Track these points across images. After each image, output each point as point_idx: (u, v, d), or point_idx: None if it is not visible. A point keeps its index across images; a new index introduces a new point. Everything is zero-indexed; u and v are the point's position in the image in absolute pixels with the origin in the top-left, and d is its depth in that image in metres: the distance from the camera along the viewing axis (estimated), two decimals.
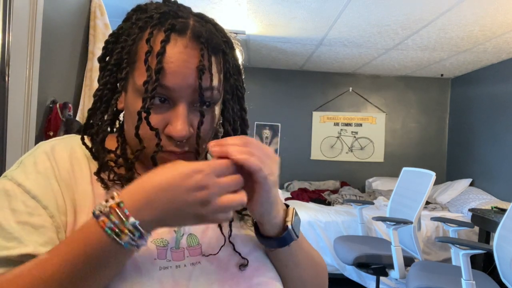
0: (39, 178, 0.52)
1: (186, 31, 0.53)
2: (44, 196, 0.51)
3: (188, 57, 0.52)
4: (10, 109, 1.30)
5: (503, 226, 2.00)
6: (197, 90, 0.52)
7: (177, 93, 0.52)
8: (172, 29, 0.53)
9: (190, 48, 0.53)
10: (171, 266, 0.53)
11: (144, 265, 0.51)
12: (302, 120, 4.97)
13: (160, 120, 0.53)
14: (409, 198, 2.72)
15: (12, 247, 0.46)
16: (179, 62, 0.52)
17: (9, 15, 1.27)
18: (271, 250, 0.59)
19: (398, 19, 2.93)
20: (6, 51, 1.28)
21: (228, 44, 0.58)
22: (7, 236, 0.47)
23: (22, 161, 0.55)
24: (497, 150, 3.94)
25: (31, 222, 0.49)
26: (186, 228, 0.58)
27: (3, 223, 0.48)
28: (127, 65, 0.55)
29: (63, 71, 1.73)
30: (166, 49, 0.52)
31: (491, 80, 4.14)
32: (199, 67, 0.52)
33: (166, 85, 0.52)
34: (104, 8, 1.95)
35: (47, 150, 0.56)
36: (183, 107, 0.53)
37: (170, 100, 0.54)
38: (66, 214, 0.52)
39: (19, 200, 0.50)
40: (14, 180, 0.51)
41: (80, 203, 0.53)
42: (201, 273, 0.54)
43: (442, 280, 2.05)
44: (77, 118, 1.78)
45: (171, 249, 0.55)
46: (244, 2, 2.75)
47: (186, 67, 0.52)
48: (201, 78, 0.52)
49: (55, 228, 0.50)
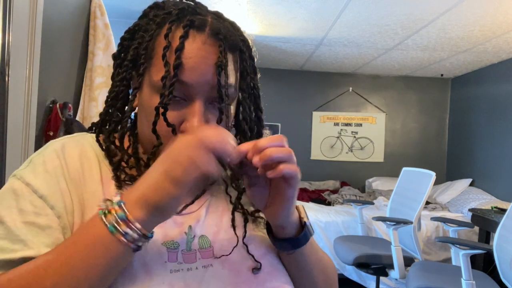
0: (47, 178, 0.52)
1: (205, 28, 0.53)
2: (51, 196, 0.50)
3: (206, 54, 0.52)
4: (10, 109, 1.30)
5: (503, 226, 2.00)
6: (215, 87, 0.52)
7: (195, 89, 0.52)
8: (191, 25, 0.52)
9: (209, 44, 0.52)
10: (182, 269, 0.52)
11: (154, 267, 0.50)
12: (302, 120, 4.97)
13: (176, 117, 0.52)
14: (409, 198, 2.72)
15: (17, 250, 0.46)
16: (197, 58, 0.51)
17: (9, 15, 1.27)
18: (288, 253, 0.58)
19: (398, 19, 2.93)
20: (6, 51, 1.28)
21: (245, 43, 0.58)
22: (13, 238, 0.47)
23: (32, 160, 0.54)
24: (497, 150, 3.94)
25: (38, 223, 0.48)
26: (197, 230, 0.56)
27: (10, 225, 0.47)
28: (144, 60, 0.54)
29: (63, 71, 1.73)
30: (185, 44, 0.51)
31: (491, 80, 4.14)
32: (218, 63, 0.51)
33: (184, 80, 0.51)
34: (104, 8, 1.95)
35: (57, 149, 0.55)
36: (200, 104, 0.52)
37: (187, 97, 0.53)
38: (73, 214, 0.51)
39: (26, 199, 0.49)
40: (23, 179, 0.51)
41: (89, 203, 0.52)
42: (213, 277, 0.53)
43: (442, 280, 2.05)
44: (77, 118, 1.78)
45: (182, 251, 0.53)
46: (244, 2, 2.75)
47: (204, 63, 0.51)
48: (220, 75, 0.51)
49: (61, 229, 0.50)
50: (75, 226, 0.51)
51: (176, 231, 0.55)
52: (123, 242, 0.43)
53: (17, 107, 1.33)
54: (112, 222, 0.43)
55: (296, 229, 0.56)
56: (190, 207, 0.58)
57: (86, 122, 1.82)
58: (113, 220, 0.43)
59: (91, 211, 0.51)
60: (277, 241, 0.57)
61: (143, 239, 0.44)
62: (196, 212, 0.58)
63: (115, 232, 0.43)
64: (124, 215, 0.43)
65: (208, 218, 0.58)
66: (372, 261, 2.52)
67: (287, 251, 0.57)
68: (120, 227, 0.43)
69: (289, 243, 0.56)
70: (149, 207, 0.44)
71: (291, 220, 0.54)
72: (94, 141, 0.59)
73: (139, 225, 0.43)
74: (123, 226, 0.43)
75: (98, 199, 0.53)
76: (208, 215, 0.59)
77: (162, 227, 0.50)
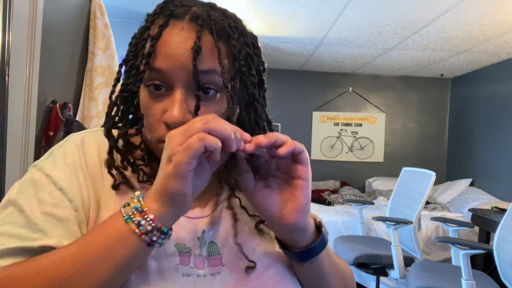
0: (67, 171, 0.52)
1: (185, 16, 0.52)
2: (70, 189, 0.51)
3: (183, 39, 0.50)
4: (10, 109, 1.30)
5: (503, 226, 2.00)
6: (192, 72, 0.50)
7: (171, 76, 0.50)
8: (171, 14, 0.52)
9: (187, 30, 0.51)
10: (193, 274, 0.52)
11: (168, 270, 0.50)
12: (302, 120, 4.97)
13: (160, 109, 0.51)
14: (409, 198, 2.72)
15: (36, 239, 0.46)
16: (173, 44, 0.50)
17: (9, 15, 1.27)
18: (301, 265, 0.55)
19: (398, 19, 2.93)
20: (6, 51, 1.28)
21: (236, 29, 0.54)
22: (33, 227, 0.47)
23: (53, 152, 0.54)
24: (497, 150, 3.94)
25: (56, 214, 0.48)
26: (208, 236, 0.56)
27: (29, 214, 0.47)
28: (132, 57, 0.54)
29: (63, 71, 1.73)
30: (163, 33, 0.50)
31: (491, 80, 4.14)
32: (194, 47, 0.49)
33: (159, 68, 0.50)
34: (104, 8, 1.95)
35: (77, 143, 0.55)
36: (180, 92, 0.50)
37: (168, 86, 0.51)
38: (89, 209, 0.51)
39: (46, 190, 0.50)
40: (43, 170, 0.51)
41: (105, 198, 0.52)
42: (220, 285, 0.52)
43: (442, 280, 2.05)
44: (77, 118, 1.78)
45: (194, 255, 0.53)
46: (244, 2, 2.75)
47: (179, 48, 0.50)
48: (196, 60, 0.49)
49: (78, 222, 0.50)
50: (91, 221, 0.51)
51: (189, 235, 0.54)
52: (136, 233, 0.43)
53: (17, 107, 1.33)
54: (129, 213, 0.44)
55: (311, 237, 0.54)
56: (203, 210, 0.57)
57: (86, 122, 1.82)
58: (130, 211, 0.44)
59: (108, 206, 0.52)
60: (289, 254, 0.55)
61: (157, 233, 0.44)
62: (210, 216, 0.58)
63: (129, 221, 0.43)
64: (140, 206, 0.44)
65: (220, 224, 0.58)
66: (372, 261, 2.52)
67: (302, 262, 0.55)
68: (134, 217, 0.43)
69: (304, 253, 0.54)
70: (161, 199, 0.44)
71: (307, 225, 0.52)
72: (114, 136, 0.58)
73: (152, 215, 0.43)
74: (137, 216, 0.43)
75: (113, 196, 0.53)
76: (220, 220, 0.58)
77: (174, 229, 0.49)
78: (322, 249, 0.55)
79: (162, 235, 0.44)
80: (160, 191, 0.44)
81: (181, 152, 0.41)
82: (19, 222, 0.47)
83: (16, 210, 0.48)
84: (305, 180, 0.49)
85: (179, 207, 0.44)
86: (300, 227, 0.51)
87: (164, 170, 0.43)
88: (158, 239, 0.44)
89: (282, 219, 0.50)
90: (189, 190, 0.43)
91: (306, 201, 0.50)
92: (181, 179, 0.42)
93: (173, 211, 0.44)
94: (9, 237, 0.46)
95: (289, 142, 0.47)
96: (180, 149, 0.42)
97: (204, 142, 0.41)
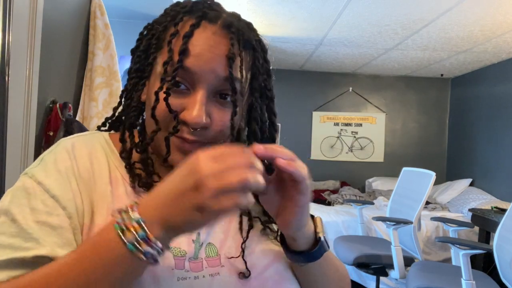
0: (59, 178, 0.51)
1: (218, 20, 0.52)
2: (63, 197, 0.50)
3: (215, 43, 0.51)
4: (10, 109, 1.30)
5: (503, 226, 2.00)
6: (220, 78, 0.50)
7: (198, 77, 0.50)
8: (204, 16, 0.52)
9: (219, 35, 0.51)
10: (189, 277, 0.51)
11: (162, 275, 0.49)
12: (302, 120, 4.98)
13: (178, 105, 0.51)
14: (409, 198, 2.72)
15: (29, 248, 0.45)
16: (205, 46, 0.50)
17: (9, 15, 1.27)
18: (301, 266, 0.56)
19: (398, 19, 2.93)
20: (6, 51, 1.28)
21: (260, 43, 0.57)
22: (26, 236, 0.46)
23: (43, 159, 0.53)
24: (497, 150, 3.94)
25: (50, 222, 0.47)
26: (204, 238, 0.55)
27: (22, 223, 0.46)
28: (155, 50, 0.54)
29: (63, 71, 1.73)
30: (194, 33, 0.50)
31: (491, 80, 4.14)
32: (229, 55, 0.50)
33: (188, 67, 0.50)
34: (104, 8, 1.95)
35: (68, 148, 0.54)
36: (202, 94, 0.50)
37: (191, 86, 0.51)
38: (83, 215, 0.50)
39: (38, 198, 0.49)
40: (34, 177, 0.50)
41: (98, 204, 0.51)
42: (220, 285, 0.52)
43: (442, 280, 2.05)
44: (77, 118, 1.78)
45: (189, 259, 0.52)
46: (244, 2, 2.75)
47: (211, 52, 0.50)
48: (231, 67, 0.50)
49: (72, 229, 0.49)
50: (85, 227, 0.50)
51: (184, 239, 0.53)
52: (143, 260, 0.40)
53: (17, 107, 1.33)
54: (132, 241, 0.39)
55: (311, 243, 0.54)
56: None
57: (86, 122, 1.82)
58: (133, 239, 0.39)
59: (100, 212, 0.51)
60: (289, 254, 0.55)
61: (161, 254, 0.41)
62: None
63: (135, 251, 0.40)
64: (145, 235, 0.39)
65: (216, 225, 0.57)
66: (372, 261, 2.52)
67: (301, 264, 0.56)
68: (141, 246, 0.39)
69: (302, 256, 0.54)
70: (171, 229, 0.40)
71: (304, 231, 0.52)
72: (104, 140, 0.58)
73: (161, 244, 0.40)
74: (144, 245, 0.39)
75: (107, 200, 0.52)
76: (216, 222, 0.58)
77: None
78: (322, 252, 0.55)
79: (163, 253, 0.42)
80: (176, 227, 0.40)
81: (218, 200, 0.37)
82: (12, 232, 0.46)
83: (9, 220, 0.47)
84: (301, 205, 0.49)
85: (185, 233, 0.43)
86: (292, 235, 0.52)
87: (192, 215, 0.38)
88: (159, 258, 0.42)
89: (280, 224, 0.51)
90: (208, 223, 0.40)
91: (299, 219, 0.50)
92: (207, 214, 0.38)
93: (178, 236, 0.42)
94: (2, 249, 0.45)
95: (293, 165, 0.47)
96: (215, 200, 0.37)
97: (247, 199, 0.38)
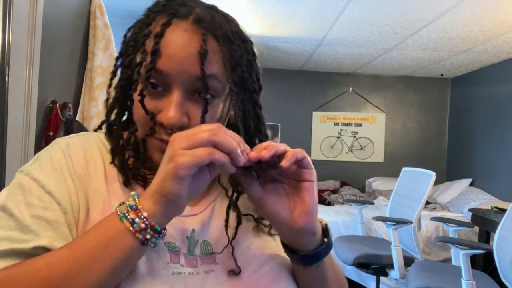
0: (54, 174, 0.52)
1: (189, 16, 0.51)
2: (58, 192, 0.50)
3: (186, 41, 0.50)
4: (10, 109, 1.30)
5: (503, 226, 2.00)
6: (194, 77, 0.50)
7: (172, 78, 0.50)
8: (175, 13, 0.51)
9: (190, 32, 0.50)
10: (184, 272, 0.52)
11: (158, 268, 0.50)
12: (302, 120, 4.97)
13: (154, 107, 0.51)
14: (409, 198, 2.72)
15: (28, 240, 0.46)
16: (176, 46, 0.50)
17: (9, 15, 1.27)
18: (304, 268, 0.55)
19: (398, 19, 2.93)
20: (6, 51, 1.28)
21: (237, 34, 0.55)
22: (24, 229, 0.47)
23: (39, 157, 0.54)
24: (497, 150, 3.94)
25: (45, 217, 0.48)
26: (199, 235, 0.56)
27: (19, 217, 0.47)
28: (132, 52, 0.54)
29: (63, 71, 1.73)
30: (165, 32, 0.50)
31: (491, 80, 4.14)
32: (201, 52, 0.49)
33: (161, 69, 0.50)
34: (104, 8, 1.95)
35: (63, 147, 0.55)
36: (178, 95, 0.50)
37: (166, 87, 0.51)
38: (79, 211, 0.51)
39: (34, 194, 0.50)
40: (30, 175, 0.51)
41: (93, 201, 0.52)
42: (214, 282, 0.52)
43: (442, 280, 2.05)
44: (77, 118, 1.78)
45: (184, 255, 0.53)
46: (244, 2, 2.75)
47: (183, 52, 0.50)
48: (203, 64, 0.49)
49: (67, 225, 0.50)
50: (80, 223, 0.51)
51: (179, 234, 0.54)
52: (130, 231, 0.43)
53: (17, 107, 1.33)
54: (123, 211, 0.44)
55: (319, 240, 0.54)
56: (193, 209, 0.57)
57: (86, 122, 1.82)
58: (124, 209, 0.44)
59: (96, 208, 0.52)
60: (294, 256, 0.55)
61: (151, 231, 0.44)
62: (200, 215, 0.58)
63: (124, 219, 0.44)
64: (134, 204, 0.44)
65: (211, 223, 0.58)
66: (372, 261, 2.53)
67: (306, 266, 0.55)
68: (129, 215, 0.44)
69: (308, 257, 0.54)
70: (156, 198, 0.44)
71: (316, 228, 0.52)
72: (100, 139, 0.59)
73: (146, 213, 0.44)
74: (132, 213, 0.44)
75: (103, 196, 0.53)
76: (211, 219, 0.58)
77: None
78: (327, 252, 0.55)
79: (156, 234, 0.45)
80: (156, 190, 0.44)
81: (185, 155, 0.42)
82: (10, 226, 0.47)
83: (6, 215, 0.48)
84: (311, 181, 0.50)
85: (172, 208, 0.45)
86: (310, 229, 0.51)
87: (163, 169, 0.44)
88: (152, 238, 0.44)
89: (292, 223, 0.51)
90: (185, 192, 0.43)
91: (314, 203, 0.51)
92: (179, 180, 0.42)
93: (167, 211, 0.45)
94: (0, 240, 0.46)
95: (289, 153, 0.48)
96: (184, 153, 0.42)
97: (212, 156, 0.42)
